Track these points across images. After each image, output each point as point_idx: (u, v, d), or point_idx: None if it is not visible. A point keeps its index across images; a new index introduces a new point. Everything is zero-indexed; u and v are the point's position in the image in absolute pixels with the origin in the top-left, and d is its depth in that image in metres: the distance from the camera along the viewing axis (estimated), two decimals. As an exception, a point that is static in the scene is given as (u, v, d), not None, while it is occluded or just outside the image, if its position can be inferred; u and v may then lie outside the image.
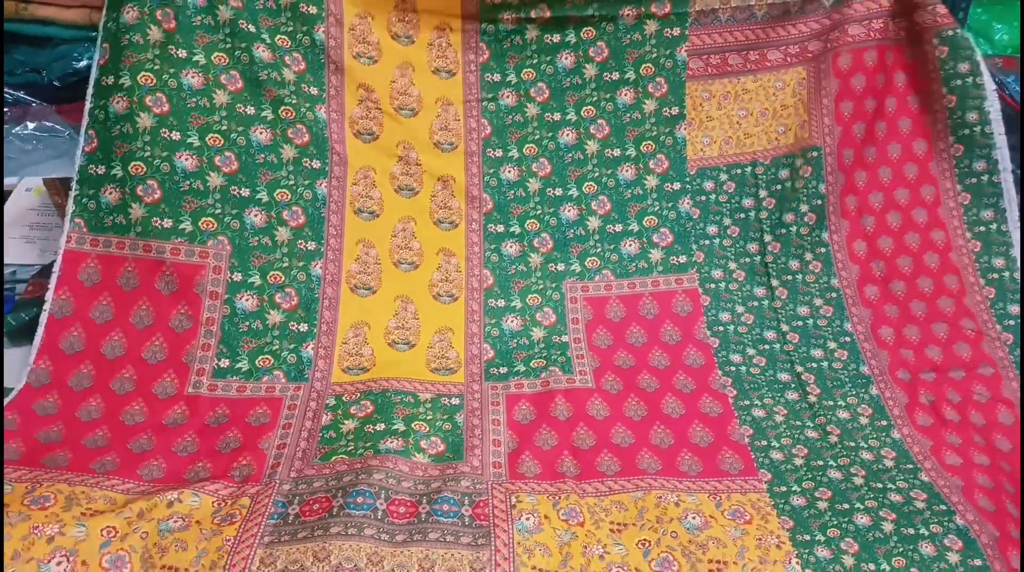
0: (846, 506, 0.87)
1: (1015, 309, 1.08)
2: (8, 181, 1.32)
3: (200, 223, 0.98)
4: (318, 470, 0.85)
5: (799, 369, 1.05)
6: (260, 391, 0.93)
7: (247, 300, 0.99)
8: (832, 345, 1.07)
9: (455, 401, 0.98)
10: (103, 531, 0.73)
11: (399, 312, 1.06)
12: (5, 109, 1.36)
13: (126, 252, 0.96)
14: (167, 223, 0.97)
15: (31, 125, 1.35)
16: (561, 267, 1.13)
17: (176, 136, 0.98)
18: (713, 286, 1.13)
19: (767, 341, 1.09)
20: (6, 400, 0.88)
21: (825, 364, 1.05)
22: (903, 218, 1.17)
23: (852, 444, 0.96)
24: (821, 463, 0.92)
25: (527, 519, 0.82)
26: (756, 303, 1.12)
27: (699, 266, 1.15)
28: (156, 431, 0.88)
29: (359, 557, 0.74)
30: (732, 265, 1.15)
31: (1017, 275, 1.08)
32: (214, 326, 0.97)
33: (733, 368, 1.04)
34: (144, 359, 0.93)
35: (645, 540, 0.81)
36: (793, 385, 1.03)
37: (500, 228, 1.15)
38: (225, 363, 0.95)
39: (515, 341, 1.07)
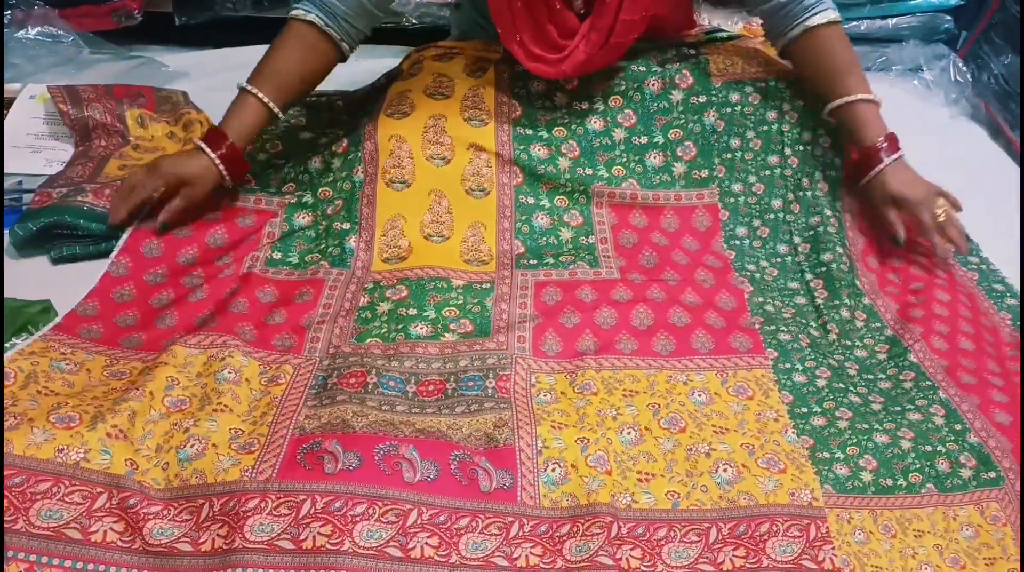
0: (841, 385, 0.93)
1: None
2: (11, 87, 1.29)
3: (284, 188, 1.16)
4: (354, 349, 0.92)
5: (808, 277, 1.10)
6: (306, 275, 1.04)
7: (303, 217, 1.12)
8: (839, 250, 1.11)
9: (486, 286, 1.04)
10: (168, 378, 0.84)
11: (433, 206, 1.10)
12: (7, 12, 1.32)
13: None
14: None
15: (33, 31, 1.32)
16: (589, 172, 1.16)
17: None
18: (732, 200, 1.17)
19: (780, 254, 1.14)
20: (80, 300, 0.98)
21: (834, 266, 1.10)
22: None
23: (848, 343, 1.01)
24: (821, 354, 0.99)
25: (545, 396, 0.89)
26: (772, 216, 1.16)
27: (720, 181, 1.18)
28: (213, 299, 1.00)
29: (393, 420, 0.82)
30: (752, 178, 1.18)
31: None
32: (274, 238, 1.10)
33: (748, 274, 1.11)
34: (213, 261, 1.06)
35: (655, 404, 0.89)
36: (802, 292, 1.09)
37: (528, 131, 1.18)
38: (278, 255, 1.07)
39: (544, 239, 1.11)
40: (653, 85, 1.18)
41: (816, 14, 1.07)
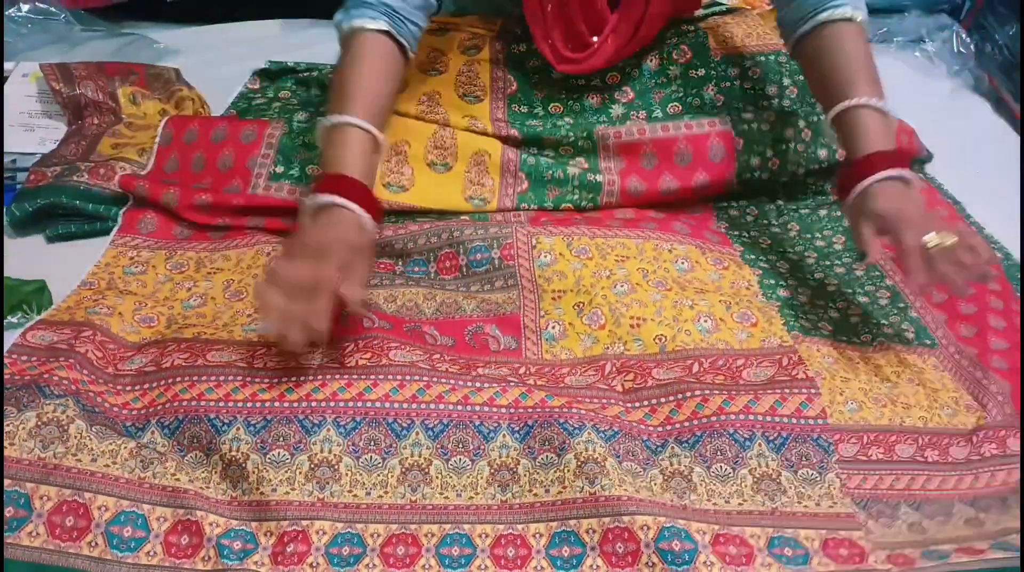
0: (801, 274, 1.03)
1: None
2: (5, 66, 1.30)
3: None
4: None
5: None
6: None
7: (302, 116, 1.18)
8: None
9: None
10: (225, 281, 0.97)
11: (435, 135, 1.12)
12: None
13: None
14: None
15: (25, 7, 1.32)
16: (594, 119, 1.15)
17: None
18: (745, 127, 1.14)
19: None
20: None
21: None
22: None
23: (808, 236, 1.10)
24: (782, 247, 1.08)
25: (545, 257, 0.98)
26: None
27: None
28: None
29: (417, 297, 0.94)
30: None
31: None
32: (274, 140, 1.14)
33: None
34: (217, 168, 1.12)
35: (644, 268, 0.97)
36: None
37: (524, 108, 1.17)
38: (280, 169, 1.11)
39: (549, 173, 1.11)
40: (651, 61, 1.17)
41: (835, 7, 0.90)
